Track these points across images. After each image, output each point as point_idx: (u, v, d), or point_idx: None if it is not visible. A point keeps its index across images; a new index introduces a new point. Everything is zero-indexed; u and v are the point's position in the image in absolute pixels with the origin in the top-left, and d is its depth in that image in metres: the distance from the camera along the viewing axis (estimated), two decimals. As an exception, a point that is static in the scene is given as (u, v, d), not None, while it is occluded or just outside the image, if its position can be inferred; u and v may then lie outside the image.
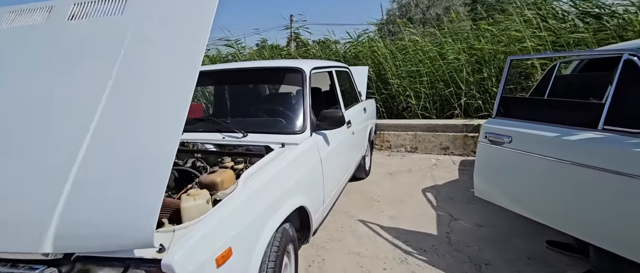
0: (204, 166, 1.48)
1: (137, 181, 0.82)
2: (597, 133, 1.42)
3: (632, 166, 1.27)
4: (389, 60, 5.14)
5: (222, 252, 0.95)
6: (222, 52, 6.53)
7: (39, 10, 1.25)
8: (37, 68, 1.10)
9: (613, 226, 1.40)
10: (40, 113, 1.00)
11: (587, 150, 1.42)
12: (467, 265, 1.90)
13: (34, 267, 0.83)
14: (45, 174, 0.87)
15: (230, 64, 2.39)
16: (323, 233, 2.31)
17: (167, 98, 0.91)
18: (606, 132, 1.40)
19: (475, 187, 1.98)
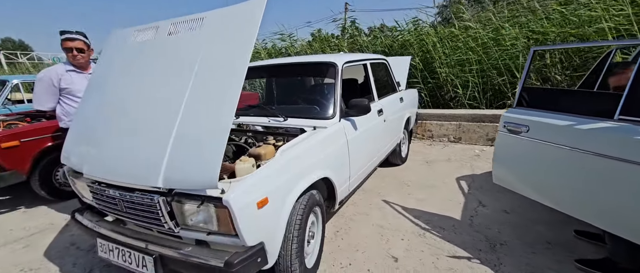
0: (253, 142, 1.92)
1: (208, 145, 1.25)
2: (612, 122, 1.46)
3: None
4: (437, 48, 5.06)
5: (261, 199, 1.34)
6: (277, 45, 7.13)
7: (151, 29, 1.78)
8: (149, 70, 1.62)
9: (626, 214, 1.44)
10: (152, 100, 1.51)
11: (602, 139, 1.46)
12: (483, 243, 2.04)
13: (150, 194, 1.33)
14: (158, 138, 1.36)
15: (276, 60, 2.79)
16: (353, 207, 2.64)
17: (225, 93, 1.32)
18: (621, 122, 1.43)
19: (494, 175, 2.07)
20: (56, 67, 2.41)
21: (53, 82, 2.31)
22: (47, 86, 2.32)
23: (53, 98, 2.36)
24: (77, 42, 2.31)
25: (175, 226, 1.37)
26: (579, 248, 1.93)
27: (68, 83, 2.34)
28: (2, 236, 2.50)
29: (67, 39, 2.28)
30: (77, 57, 2.33)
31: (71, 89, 2.34)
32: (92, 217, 1.75)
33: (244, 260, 1.29)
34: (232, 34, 1.43)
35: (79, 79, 2.37)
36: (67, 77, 2.34)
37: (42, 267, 2.05)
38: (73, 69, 2.38)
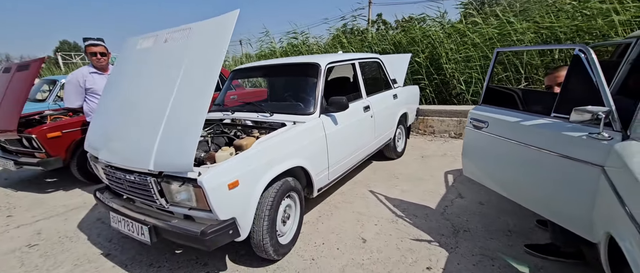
0: (241, 135, 2.20)
1: (185, 136, 1.54)
2: (548, 119, 1.57)
3: (565, 148, 1.43)
4: (444, 44, 5.06)
5: (232, 181, 1.62)
6: (292, 43, 7.40)
7: (151, 37, 2.11)
8: (147, 72, 1.95)
9: (556, 202, 1.55)
10: (149, 97, 1.84)
11: (539, 134, 1.58)
12: (447, 229, 2.19)
13: (144, 176, 1.66)
14: (151, 130, 1.67)
15: (269, 61, 3.03)
16: (339, 196, 2.86)
17: (199, 92, 1.60)
18: (555, 119, 1.54)
19: (463, 167, 2.20)
20: (81, 69, 2.85)
21: (79, 83, 2.75)
22: (75, 86, 2.77)
23: (80, 97, 2.81)
24: (99, 47, 2.73)
25: (165, 203, 1.69)
26: (535, 235, 2.04)
27: (91, 84, 2.77)
28: (49, 210, 3.02)
29: (91, 45, 2.70)
30: (100, 60, 2.75)
31: (94, 88, 2.77)
32: (108, 195, 2.14)
33: (216, 231, 1.58)
34: (210, 42, 1.70)
35: (100, 79, 2.79)
36: (91, 79, 2.77)
37: (75, 236, 2.50)
38: (95, 71, 2.81)
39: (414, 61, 5.14)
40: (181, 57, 1.78)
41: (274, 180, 1.90)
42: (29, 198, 3.36)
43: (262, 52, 7.94)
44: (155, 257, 2.11)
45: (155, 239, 1.71)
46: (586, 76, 1.42)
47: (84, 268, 2.05)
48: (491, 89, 2.12)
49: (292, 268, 1.92)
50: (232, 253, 2.09)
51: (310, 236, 2.25)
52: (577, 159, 1.40)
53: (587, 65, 1.42)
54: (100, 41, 2.78)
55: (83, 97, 2.85)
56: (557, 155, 1.47)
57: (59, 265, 2.10)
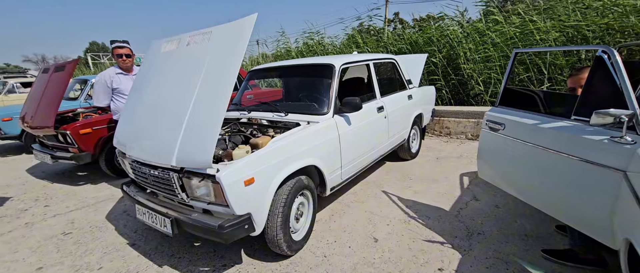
0: (257, 134, 2.28)
1: (205, 134, 1.63)
2: (568, 122, 1.53)
3: (585, 152, 1.40)
4: (463, 44, 4.96)
5: (248, 178, 1.69)
6: (307, 43, 7.48)
7: (175, 41, 2.23)
8: (171, 74, 2.07)
9: (576, 207, 1.52)
10: (173, 97, 1.95)
11: (558, 137, 1.55)
12: (461, 232, 2.18)
13: (167, 171, 1.77)
14: (174, 128, 1.78)
15: (284, 62, 3.09)
16: (352, 196, 2.89)
17: (218, 93, 1.68)
18: (575, 122, 1.51)
19: (478, 169, 2.18)
20: (108, 70, 3.03)
21: (106, 84, 2.93)
22: (102, 86, 2.95)
23: (107, 97, 3.00)
24: (125, 49, 2.90)
25: (186, 197, 1.79)
26: (554, 240, 1.99)
27: (117, 84, 2.94)
28: (81, 201, 3.25)
29: (118, 47, 2.88)
30: (126, 62, 2.92)
31: (120, 89, 2.95)
32: (134, 189, 2.28)
33: (233, 225, 1.66)
34: (229, 45, 1.79)
35: (125, 80, 2.96)
36: (117, 79, 2.95)
37: (104, 226, 2.68)
38: (121, 72, 2.98)
39: (430, 61, 5.07)
40: (202, 60, 1.88)
41: (288, 177, 1.97)
42: (63, 190, 3.61)
43: (278, 52, 8.06)
44: (177, 248, 2.23)
45: (176, 231, 1.82)
46: (609, 78, 1.39)
47: (112, 256, 2.20)
48: (509, 91, 2.08)
49: (304, 264, 1.98)
50: (247, 248, 2.18)
51: (323, 234, 2.30)
52: (598, 164, 1.37)
53: (610, 67, 1.38)
54: (126, 43, 2.95)
55: (110, 97, 3.03)
56: (576, 159, 1.44)
57: (90, 252, 2.27)
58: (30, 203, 3.28)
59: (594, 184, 1.40)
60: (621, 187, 1.27)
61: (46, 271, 2.08)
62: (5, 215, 3.02)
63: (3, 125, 5.46)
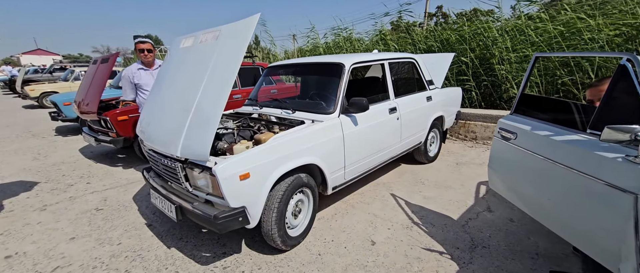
0: (262, 130, 2.35)
1: (204, 129, 1.73)
2: (582, 135, 1.38)
3: (596, 169, 1.25)
4: (498, 43, 4.60)
5: (243, 173, 1.77)
6: (336, 40, 7.43)
7: (192, 37, 2.37)
8: (185, 69, 2.20)
9: (588, 231, 1.37)
10: (182, 91, 2.08)
11: (570, 151, 1.40)
12: (464, 243, 2.07)
13: (173, 160, 1.91)
14: (181, 120, 1.90)
15: (297, 60, 3.10)
16: (358, 196, 2.87)
17: (219, 89, 1.77)
18: (591, 136, 1.35)
19: (489, 179, 2.04)
20: (131, 66, 3.21)
21: (130, 79, 3.13)
22: (127, 82, 3.17)
23: (132, 91, 3.21)
24: (146, 44, 3.08)
25: (189, 186, 1.92)
26: (568, 263, 1.81)
27: (138, 79, 3.13)
28: (115, 181, 3.61)
29: (140, 42, 3.06)
30: (147, 56, 3.09)
31: (141, 84, 3.12)
32: (152, 175, 2.48)
33: (227, 217, 1.75)
34: (232, 43, 1.86)
35: (145, 75, 3.14)
36: (138, 75, 3.13)
37: (129, 205, 2.96)
38: (142, 67, 3.15)
39: (460, 61, 4.78)
40: (210, 57, 1.97)
41: (286, 174, 2.02)
42: (103, 170, 4.03)
43: (307, 47, 8.11)
44: (185, 232, 2.40)
45: (180, 217, 1.96)
46: (632, 90, 1.23)
47: (130, 234, 2.44)
48: (527, 97, 1.91)
49: (298, 259, 2.03)
50: (248, 238, 2.27)
51: (322, 232, 2.32)
52: (610, 184, 1.23)
53: (634, 77, 1.22)
54: (148, 38, 3.12)
55: (135, 91, 3.25)
56: (588, 177, 1.30)
57: (114, 229, 2.53)
58: (76, 179, 3.72)
59: (605, 205, 1.25)
60: (633, 211, 1.12)
61: (77, 241, 2.37)
62: (56, 188, 3.45)
63: (64, 109, 6.21)
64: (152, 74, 3.12)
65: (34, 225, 2.64)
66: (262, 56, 10.04)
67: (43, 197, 3.21)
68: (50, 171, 4.01)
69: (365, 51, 6.65)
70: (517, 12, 4.83)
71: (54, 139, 5.94)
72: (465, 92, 4.79)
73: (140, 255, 2.14)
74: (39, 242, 2.36)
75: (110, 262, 2.08)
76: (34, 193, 3.32)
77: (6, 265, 2.09)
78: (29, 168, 4.19)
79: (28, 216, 2.79)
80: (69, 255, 2.18)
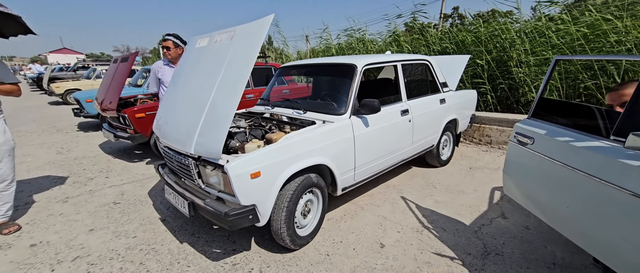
0: (274, 129, 2.38)
1: (217, 127, 1.77)
2: (606, 142, 1.33)
3: (620, 178, 1.21)
4: (516, 45, 4.47)
5: (254, 172, 1.79)
6: (349, 41, 7.42)
7: (207, 37, 2.43)
8: (201, 68, 2.25)
9: (611, 242, 1.31)
10: (197, 90, 2.13)
11: (592, 158, 1.35)
12: (477, 249, 2.02)
13: (187, 157, 1.96)
14: (195, 117, 1.95)
15: (309, 60, 3.11)
16: (368, 198, 2.86)
17: (232, 88, 1.80)
18: (615, 142, 1.30)
19: (503, 185, 1.99)
20: (159, 61, 3.37)
21: (156, 74, 3.27)
22: (153, 75, 3.31)
23: (156, 85, 3.35)
24: (167, 42, 3.18)
25: (202, 183, 1.97)
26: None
27: (161, 75, 3.25)
28: (132, 176, 3.73)
29: (163, 40, 3.20)
30: (166, 54, 3.20)
31: (163, 79, 3.25)
32: (167, 171, 2.55)
33: (238, 214, 1.78)
34: (246, 44, 1.89)
35: (168, 71, 3.24)
36: (162, 70, 3.25)
37: (145, 200, 3.05)
38: (168, 63, 3.28)
39: (475, 63, 4.67)
40: (224, 57, 2.02)
41: (296, 174, 2.03)
42: (121, 165, 4.18)
43: (319, 48, 8.12)
44: (197, 228, 2.46)
45: (193, 213, 2.01)
46: None
47: (145, 228, 2.51)
48: (546, 101, 1.85)
49: (306, 259, 2.04)
50: (257, 236, 2.31)
51: (330, 233, 2.32)
52: (634, 194, 1.18)
53: None
54: (172, 36, 3.21)
55: (158, 86, 3.39)
56: (610, 185, 1.25)
57: (130, 222, 2.61)
58: (96, 173, 3.87)
59: (630, 215, 1.20)
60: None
61: (95, 233, 2.46)
62: (77, 181, 3.61)
63: (87, 105, 6.48)
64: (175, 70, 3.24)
65: (56, 215, 2.77)
66: (274, 56, 10.14)
67: (65, 190, 3.35)
68: (72, 165, 4.19)
69: (378, 52, 6.61)
70: (538, 14, 4.67)
71: (76, 134, 6.20)
72: (481, 96, 4.68)
73: (154, 249, 2.21)
74: (61, 232, 2.47)
75: (126, 254, 2.16)
76: (57, 186, 3.47)
77: (31, 253, 2.20)
78: (53, 161, 4.39)
79: (51, 207, 2.93)
80: (87, 246, 2.27)
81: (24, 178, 3.72)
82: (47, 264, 2.07)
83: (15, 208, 2.68)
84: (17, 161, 4.39)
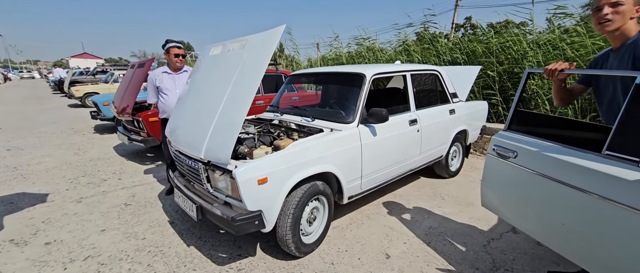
0: (282, 136, 2.41)
1: (226, 134, 1.81)
2: (599, 157, 1.31)
3: (625, 196, 1.18)
4: (529, 57, 4.41)
5: (261, 178, 1.82)
6: (359, 49, 7.47)
7: (221, 45, 2.50)
8: (213, 75, 2.32)
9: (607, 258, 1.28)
10: (209, 96, 2.19)
11: (587, 174, 1.33)
12: (485, 264, 1.98)
13: (196, 162, 2.00)
14: (206, 123, 2.00)
15: (318, 68, 3.13)
16: (375, 207, 2.84)
17: (242, 96, 1.85)
18: (608, 157, 1.28)
19: (482, 197, 1.95)
20: (157, 70, 3.19)
21: (154, 83, 3.19)
22: (151, 85, 3.19)
23: (155, 94, 3.26)
24: (182, 50, 2.98)
25: (210, 188, 2.00)
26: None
27: (160, 82, 3.09)
28: (144, 179, 3.83)
29: (172, 47, 3.00)
30: (178, 62, 3.07)
31: (162, 87, 3.10)
32: (177, 174, 2.61)
33: (244, 219, 1.80)
34: (258, 53, 1.94)
35: (168, 78, 3.11)
36: (160, 78, 3.10)
37: (155, 202, 3.12)
38: (166, 71, 3.12)
39: (485, 74, 4.62)
40: (236, 65, 2.07)
41: (303, 181, 2.05)
42: (134, 167, 4.29)
43: (330, 56, 8.20)
44: (204, 232, 2.49)
45: (201, 217, 2.05)
46: None
47: (154, 230, 2.57)
48: (520, 113, 1.82)
49: (311, 267, 2.04)
50: (263, 243, 2.32)
51: (336, 241, 2.32)
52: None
53: None
54: (179, 43, 3.11)
55: (157, 95, 3.20)
56: (616, 204, 1.22)
57: (140, 224, 2.67)
58: (110, 175, 3.98)
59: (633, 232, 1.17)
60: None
61: (106, 233, 2.53)
62: (92, 182, 3.72)
63: (104, 109, 6.70)
64: (174, 78, 3.12)
65: (70, 215, 2.85)
66: (285, 63, 10.27)
67: (80, 190, 3.46)
68: (87, 166, 4.33)
69: (388, 61, 6.62)
70: (553, 25, 4.61)
71: (92, 136, 6.41)
72: (492, 107, 4.62)
73: (162, 251, 2.25)
74: (74, 232, 2.55)
75: (135, 255, 2.20)
76: (72, 186, 3.59)
77: (46, 251, 2.27)
78: (70, 162, 4.54)
79: (66, 207, 3.02)
80: (99, 246, 2.33)
81: (41, 178, 3.86)
82: (60, 262, 2.13)
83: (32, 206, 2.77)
84: (35, 161, 4.59)
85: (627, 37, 1.45)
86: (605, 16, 1.41)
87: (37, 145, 5.60)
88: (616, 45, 1.52)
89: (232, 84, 2.01)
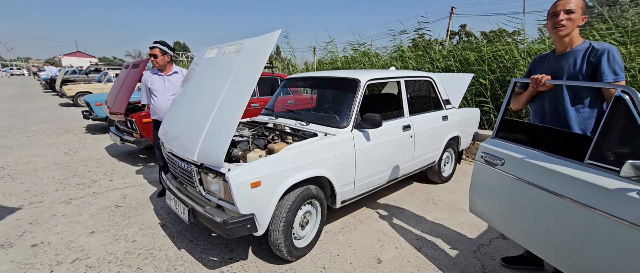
0: (276, 140, 2.42)
1: (220, 137, 1.81)
2: (582, 165, 1.35)
3: (609, 205, 1.21)
4: (520, 66, 4.50)
5: (254, 181, 1.82)
6: (354, 54, 7.53)
7: (215, 48, 2.51)
8: (208, 78, 2.32)
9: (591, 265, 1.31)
10: (204, 99, 2.19)
11: (570, 182, 1.37)
12: (474, 269, 2.01)
13: (189, 164, 1.99)
14: (200, 125, 2.00)
15: (314, 73, 3.14)
16: (367, 212, 2.85)
17: (236, 100, 1.85)
18: (590, 166, 1.32)
19: (469, 203, 1.98)
20: (147, 72, 3.18)
21: (146, 84, 3.17)
22: (143, 86, 3.20)
23: (148, 95, 3.19)
24: (154, 50, 2.96)
25: (203, 190, 2.00)
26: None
27: (150, 83, 3.09)
28: (135, 180, 3.78)
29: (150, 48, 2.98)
30: (153, 62, 3.01)
31: (152, 88, 3.08)
32: (169, 176, 2.59)
33: (236, 223, 1.80)
34: (253, 57, 1.95)
35: (157, 79, 3.08)
36: (151, 79, 3.09)
37: (146, 204, 3.09)
38: (156, 72, 3.10)
39: (478, 82, 4.70)
40: (231, 68, 2.08)
41: (296, 185, 2.05)
42: (125, 168, 4.24)
43: (325, 60, 8.25)
44: (196, 235, 2.48)
45: (192, 219, 2.03)
46: (631, 121, 1.23)
47: (145, 232, 2.54)
48: (507, 122, 1.86)
49: (303, 271, 2.04)
50: (255, 246, 2.31)
51: (328, 246, 2.32)
52: (622, 220, 1.19)
53: (633, 108, 1.22)
54: (159, 44, 3.00)
55: (149, 96, 3.18)
56: (598, 212, 1.26)
57: (130, 226, 2.64)
58: (100, 176, 3.92)
59: (618, 241, 1.21)
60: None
61: (96, 235, 2.49)
62: (82, 183, 3.66)
63: (96, 108, 6.62)
64: (164, 79, 3.09)
65: (59, 216, 2.81)
66: (282, 66, 10.29)
67: (69, 191, 3.41)
68: (78, 167, 4.26)
69: (383, 66, 6.68)
70: (543, 35, 4.72)
71: (83, 136, 6.32)
72: (484, 114, 4.69)
73: (152, 254, 2.22)
74: (62, 233, 2.51)
75: (124, 258, 2.17)
76: (62, 186, 3.53)
77: (32, 253, 2.23)
78: (60, 162, 4.47)
79: (55, 208, 2.97)
80: (87, 248, 2.30)
81: (30, 178, 3.79)
82: (46, 265, 2.09)
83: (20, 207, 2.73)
84: (24, 161, 4.51)
85: (573, 42, 1.62)
86: (561, 21, 1.56)
87: (26, 144, 5.50)
88: (561, 49, 1.68)
89: (227, 87, 2.01)
